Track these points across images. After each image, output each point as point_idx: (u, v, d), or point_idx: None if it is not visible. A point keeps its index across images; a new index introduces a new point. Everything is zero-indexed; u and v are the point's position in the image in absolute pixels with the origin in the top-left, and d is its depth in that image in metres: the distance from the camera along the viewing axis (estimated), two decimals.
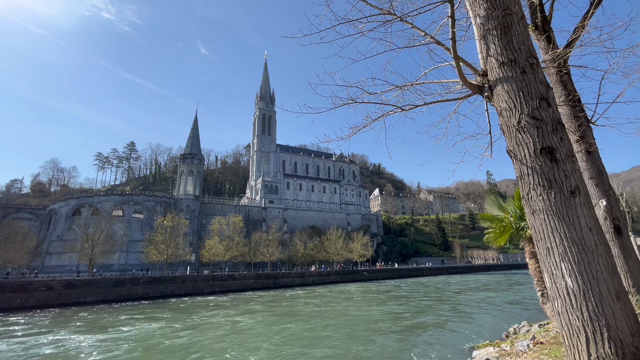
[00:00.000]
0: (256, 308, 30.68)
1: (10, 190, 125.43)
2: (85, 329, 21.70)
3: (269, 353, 15.03)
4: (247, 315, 26.46)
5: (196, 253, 68.10)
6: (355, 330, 19.64)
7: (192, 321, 23.98)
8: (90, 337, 19.11)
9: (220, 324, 22.82)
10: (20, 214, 70.34)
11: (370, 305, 30.57)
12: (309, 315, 25.72)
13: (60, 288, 34.23)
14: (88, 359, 15.10)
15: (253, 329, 20.70)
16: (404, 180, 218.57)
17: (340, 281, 62.79)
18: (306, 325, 21.63)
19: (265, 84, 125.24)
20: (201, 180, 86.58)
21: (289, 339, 17.85)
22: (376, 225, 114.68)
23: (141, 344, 17.71)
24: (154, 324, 23.17)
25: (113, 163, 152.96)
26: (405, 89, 5.80)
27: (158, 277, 43.04)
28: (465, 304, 29.52)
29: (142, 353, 16.04)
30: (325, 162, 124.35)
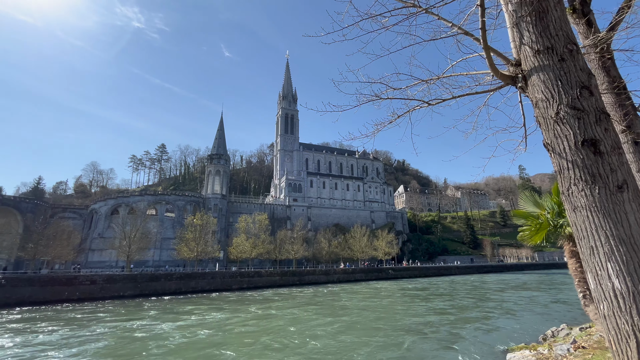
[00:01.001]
0: (302, 302, 32.11)
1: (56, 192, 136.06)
2: (161, 317, 23.97)
3: (332, 341, 16.34)
4: (298, 308, 28.08)
5: (224, 250, 70.37)
6: (403, 325, 20.28)
7: (252, 312, 25.91)
8: (169, 324, 21.17)
9: (277, 315, 24.53)
10: (65, 214, 76.04)
11: (414, 301, 31.16)
12: (358, 309, 27.01)
13: (102, 282, 36.70)
14: (182, 339, 17.17)
15: (310, 320, 22.18)
16: (429, 176, 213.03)
17: (365, 279, 62.38)
18: (357, 317, 22.97)
19: (287, 83, 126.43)
20: (228, 179, 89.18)
21: (345, 329, 19.17)
22: (401, 223, 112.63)
23: (218, 329, 19.59)
24: (219, 314, 25.18)
25: (146, 164, 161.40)
26: (431, 82, 5.64)
27: (189, 273, 44.97)
28: (500, 304, 28.43)
29: (224, 336, 17.98)
30: (348, 160, 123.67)
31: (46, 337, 18.13)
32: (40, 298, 32.01)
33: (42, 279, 34.05)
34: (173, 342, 16.64)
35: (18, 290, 31.51)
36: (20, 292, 31.51)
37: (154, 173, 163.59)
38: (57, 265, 56.27)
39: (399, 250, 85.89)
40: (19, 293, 31.39)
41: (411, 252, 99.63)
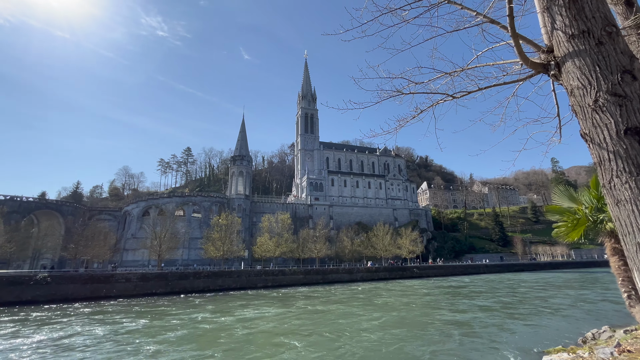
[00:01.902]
0: (342, 298, 32.92)
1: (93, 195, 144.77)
2: (219, 311, 25.68)
3: (384, 334, 17.17)
4: (341, 304, 28.92)
5: (249, 249, 71.96)
6: (448, 320, 20.80)
7: (300, 307, 27.20)
8: (229, 317, 22.83)
9: (325, 310, 25.60)
10: (102, 216, 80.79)
11: (455, 298, 31.33)
12: (402, 304, 27.83)
13: (136, 280, 38.68)
14: (247, 330, 18.84)
15: (359, 315, 23.13)
16: (454, 172, 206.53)
17: (390, 278, 61.56)
18: (404, 313, 23.89)
19: (306, 83, 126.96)
20: (250, 180, 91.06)
21: (395, 323, 20.10)
22: (425, 221, 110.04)
23: (277, 322, 21.10)
24: (270, 309, 26.74)
25: (173, 167, 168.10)
26: (455, 75, 5.46)
27: (216, 272, 46.38)
28: (540, 303, 27.33)
29: (285, 328, 19.50)
30: (369, 157, 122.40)
31: (131, 326, 20.33)
32: (82, 295, 34.23)
33: (83, 277, 36.41)
34: (241, 333, 18.19)
35: (62, 288, 33.88)
36: (64, 290, 33.85)
37: (180, 175, 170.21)
38: (95, 264, 59.97)
39: (423, 248, 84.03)
40: (63, 290, 33.74)
41: (436, 251, 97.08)
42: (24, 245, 59.47)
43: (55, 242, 65.79)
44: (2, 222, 57.59)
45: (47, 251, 66.82)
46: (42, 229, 70.34)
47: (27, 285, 32.36)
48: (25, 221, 68.27)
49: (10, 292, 31.18)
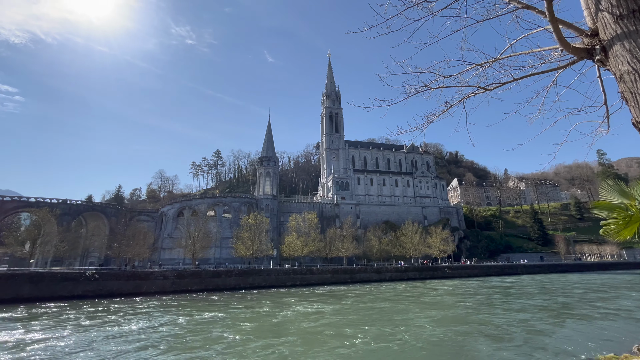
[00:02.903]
0: (386, 297, 33.65)
1: (133, 198, 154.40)
2: (277, 306, 27.46)
3: (446, 330, 17.68)
4: (387, 301, 29.85)
5: (277, 248, 73.29)
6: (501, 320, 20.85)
7: (349, 304, 28.29)
8: (290, 312, 24.47)
9: (375, 307, 26.55)
10: (141, 217, 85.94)
11: (507, 299, 31.21)
12: (452, 303, 28.46)
13: (173, 278, 40.79)
14: (313, 323, 20.19)
15: (411, 311, 24.16)
16: (487, 167, 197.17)
17: (420, 278, 60.01)
18: (457, 311, 24.46)
19: (330, 82, 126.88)
20: (277, 180, 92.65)
21: (452, 320, 20.64)
22: (457, 219, 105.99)
23: (337, 316, 22.43)
24: (321, 305, 27.97)
25: (204, 170, 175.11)
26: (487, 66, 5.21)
27: (247, 270, 47.72)
28: (596, 305, 25.83)
29: (345, 321, 20.65)
30: (395, 155, 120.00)
31: (206, 318, 22.39)
32: (125, 291, 36.67)
33: (126, 274, 38.99)
34: (308, 325, 19.52)
35: (108, 284, 36.52)
36: (110, 285, 36.46)
37: (211, 177, 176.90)
38: (136, 262, 63.96)
39: (455, 247, 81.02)
40: (109, 286, 36.36)
41: (469, 250, 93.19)
42: (74, 244, 64.65)
43: (101, 242, 70.95)
44: (56, 224, 63.07)
45: (94, 250, 72.26)
46: (90, 229, 76.16)
47: (78, 281, 35.22)
48: (75, 222, 74.26)
49: (64, 287, 34.11)
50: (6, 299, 30.35)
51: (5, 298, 30.41)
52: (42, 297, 32.00)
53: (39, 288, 32.86)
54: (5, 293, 30.88)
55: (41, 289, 32.90)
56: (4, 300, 30.01)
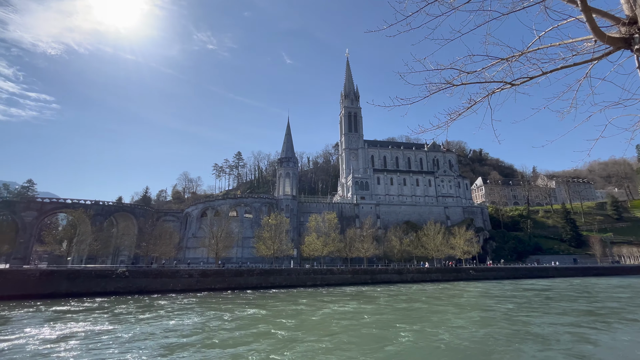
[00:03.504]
0: (417, 297, 33.92)
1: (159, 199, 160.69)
2: (313, 305, 28.12)
3: (490, 331, 17.76)
4: (421, 302, 30.11)
5: (297, 248, 73.83)
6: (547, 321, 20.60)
7: (384, 304, 28.78)
8: (326, 310, 25.25)
9: (410, 307, 26.88)
10: (167, 217, 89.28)
11: (548, 302, 30.57)
12: (490, 305, 28.39)
13: (197, 276, 42.09)
14: (353, 320, 20.94)
15: (449, 312, 24.34)
16: (513, 165, 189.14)
17: (443, 279, 58.49)
18: (497, 313, 24.17)
19: (348, 81, 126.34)
20: (297, 181, 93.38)
21: (494, 322, 20.60)
22: (481, 219, 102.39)
23: (376, 315, 22.99)
24: (352, 304, 28.71)
25: (226, 171, 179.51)
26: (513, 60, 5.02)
27: (268, 270, 48.41)
28: (638, 312, 24.65)
29: (385, 321, 21.06)
30: (416, 154, 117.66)
31: (248, 314, 23.59)
32: (153, 288, 38.23)
33: (154, 272, 40.66)
34: (348, 323, 20.11)
35: (137, 281, 38.23)
36: (139, 283, 38.15)
37: (232, 178, 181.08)
38: (163, 261, 66.52)
39: (480, 248, 78.27)
40: (138, 283, 38.05)
41: (495, 251, 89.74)
42: (106, 243, 68.12)
43: (130, 241, 74.38)
44: (90, 224, 66.79)
45: (124, 248, 75.86)
46: (120, 229, 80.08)
47: (110, 278, 37.12)
48: (107, 222, 78.27)
49: (98, 283, 36.06)
50: (46, 293, 32.51)
51: (46, 293, 32.57)
52: (78, 292, 34.00)
53: (76, 284, 34.93)
54: (45, 288, 33.09)
55: (77, 285, 34.95)
56: (45, 295, 32.15)
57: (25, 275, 34.39)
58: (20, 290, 32.05)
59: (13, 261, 58.33)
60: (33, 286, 32.94)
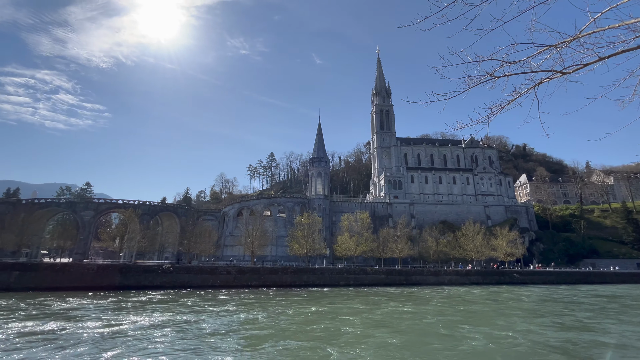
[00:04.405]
0: (469, 300, 33.51)
1: (198, 199, 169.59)
2: (368, 304, 29.07)
3: (571, 336, 17.37)
4: (476, 305, 29.72)
5: (330, 247, 74.06)
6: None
7: (438, 305, 29.13)
8: (385, 310, 25.79)
9: (469, 310, 26.62)
10: (206, 216, 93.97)
11: (624, 310, 28.98)
12: (560, 311, 27.23)
13: (235, 273, 43.82)
14: (415, 320, 21.52)
15: (512, 315, 23.92)
16: (563, 160, 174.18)
17: (483, 282, 55.40)
18: (565, 318, 23.46)
19: (379, 79, 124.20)
20: (328, 180, 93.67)
21: (572, 327, 20.07)
22: (526, 219, 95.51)
23: (436, 315, 23.33)
24: (408, 304, 29.20)
25: (259, 172, 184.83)
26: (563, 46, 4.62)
27: (301, 268, 49.10)
28: None
29: (447, 320, 21.43)
30: (452, 150, 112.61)
31: (311, 310, 24.75)
32: (194, 283, 40.47)
33: (195, 269, 43.04)
34: (416, 322, 20.60)
35: (180, 277, 40.70)
36: (182, 278, 40.58)
37: (266, 179, 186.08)
38: (203, 258, 70.14)
39: (525, 250, 73.07)
40: (181, 278, 40.49)
41: (542, 254, 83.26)
42: (152, 240, 73.20)
43: (173, 239, 79.33)
44: (138, 222, 72.22)
45: (168, 246, 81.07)
46: (165, 227, 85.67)
47: (157, 273, 39.89)
48: (153, 221, 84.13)
49: (146, 277, 38.93)
50: (103, 286, 35.74)
51: (102, 285, 35.82)
52: (130, 285, 36.95)
53: (127, 278, 38.00)
54: (102, 281, 36.40)
55: (128, 278, 38.01)
56: (101, 287, 35.36)
57: (85, 268, 38.10)
58: (81, 282, 35.56)
59: (75, 256, 64.90)
60: (91, 279, 36.39)
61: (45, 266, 37.99)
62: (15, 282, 33.89)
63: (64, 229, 72.77)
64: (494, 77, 4.77)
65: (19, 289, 32.98)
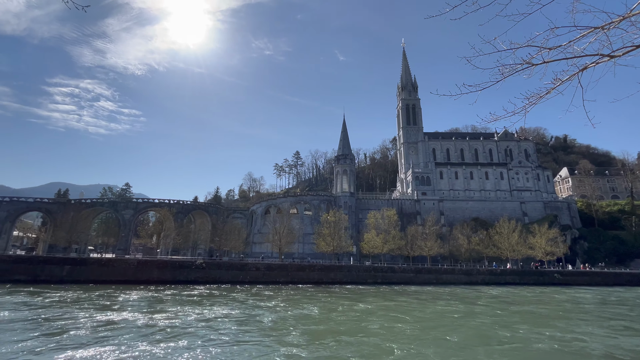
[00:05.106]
0: (512, 301, 32.63)
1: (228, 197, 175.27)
2: (419, 302, 29.39)
3: None
4: (526, 305, 29.16)
5: (357, 245, 73.65)
6: None
7: (486, 305, 28.78)
8: (431, 309, 26.02)
9: (519, 311, 26.00)
10: (235, 214, 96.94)
11: None
12: (624, 313, 26.29)
13: (263, 269, 44.91)
14: (469, 319, 21.47)
15: (570, 318, 23.23)
16: (610, 152, 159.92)
17: (520, 283, 52.60)
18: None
19: (405, 72, 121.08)
20: (354, 177, 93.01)
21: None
22: (568, 215, 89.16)
23: (484, 317, 23.00)
24: (455, 303, 29.05)
25: (285, 170, 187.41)
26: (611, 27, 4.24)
27: (328, 266, 49.30)
28: None
29: (500, 321, 21.26)
30: (484, 144, 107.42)
31: (361, 307, 25.24)
32: (225, 279, 41.96)
33: (226, 265, 44.61)
34: (470, 321, 20.50)
35: (212, 272, 42.37)
36: (214, 274, 42.24)
37: (292, 177, 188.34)
38: (233, 254, 72.51)
39: (567, 249, 68.29)
40: (213, 274, 42.14)
41: (587, 253, 77.42)
42: (186, 237, 76.79)
43: (205, 236, 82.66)
44: (173, 220, 76.02)
45: (200, 243, 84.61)
46: (197, 225, 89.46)
47: (190, 268, 41.83)
48: (186, 219, 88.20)
49: (181, 272, 40.96)
50: (142, 280, 38.07)
51: (142, 279, 38.16)
52: (166, 280, 39.07)
53: (164, 273, 40.21)
54: (142, 275, 38.78)
55: (165, 273, 40.20)
56: (141, 281, 37.68)
57: (127, 263, 40.79)
58: (123, 276, 38.13)
59: (117, 252, 69.63)
60: (132, 273, 38.89)
61: (92, 261, 41.18)
62: (67, 275, 37.03)
63: (108, 227, 78.24)
64: (531, 64, 4.48)
65: (70, 281, 36.00)
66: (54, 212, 73.77)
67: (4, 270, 35.70)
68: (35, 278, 35.63)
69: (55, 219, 70.91)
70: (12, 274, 35.44)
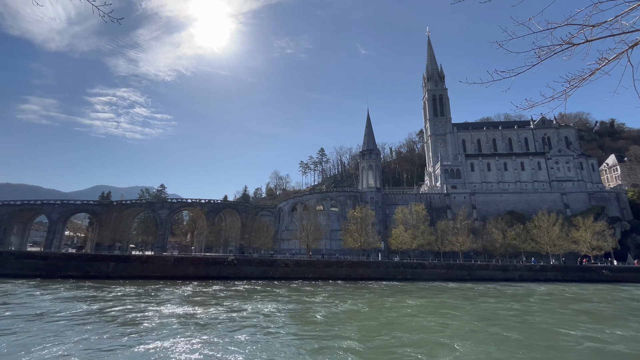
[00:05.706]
0: (567, 299, 31.53)
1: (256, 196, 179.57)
2: (465, 299, 29.24)
3: None
4: (582, 304, 28.24)
5: (385, 241, 72.66)
6: None
7: (538, 303, 28.06)
8: (474, 306, 25.84)
9: (580, 310, 25.14)
10: (263, 212, 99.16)
11: None
12: None
13: (292, 265, 45.66)
14: (522, 317, 21.22)
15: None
16: None
17: (563, 279, 49.38)
18: None
19: (431, 62, 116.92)
20: (380, 172, 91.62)
21: None
22: (617, 207, 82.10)
23: (542, 313, 22.77)
24: (506, 300, 28.73)
25: (311, 167, 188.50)
26: None
27: (356, 262, 49.14)
28: None
29: (558, 318, 21.09)
30: (519, 133, 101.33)
31: (410, 304, 25.52)
32: (256, 275, 43.17)
33: (256, 261, 45.86)
34: (531, 320, 20.30)
35: (243, 269, 43.76)
36: (244, 270, 43.60)
37: (317, 174, 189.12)
38: (262, 251, 74.34)
39: (616, 243, 63.04)
40: (244, 270, 43.52)
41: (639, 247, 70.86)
42: (218, 235, 79.80)
43: (236, 233, 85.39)
44: (205, 219, 79.27)
45: (231, 240, 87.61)
46: (228, 223, 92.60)
47: (223, 265, 43.47)
48: (217, 217, 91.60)
49: (214, 269, 42.69)
50: (178, 275, 40.15)
51: (178, 275, 40.25)
52: (200, 275, 40.91)
53: (198, 269, 42.12)
54: (178, 271, 40.91)
55: (199, 269, 42.10)
56: (178, 277, 39.76)
57: (164, 260, 43.18)
58: (162, 272, 40.43)
59: (155, 249, 73.87)
60: (170, 269, 41.12)
61: (134, 258, 44.05)
62: (112, 272, 39.93)
63: (146, 226, 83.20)
64: (572, 44, 4.15)
65: (115, 277, 38.80)
66: (99, 213, 79.55)
67: (59, 267, 39.24)
68: (86, 274, 38.78)
69: (100, 219, 76.50)
70: (66, 270, 38.85)
